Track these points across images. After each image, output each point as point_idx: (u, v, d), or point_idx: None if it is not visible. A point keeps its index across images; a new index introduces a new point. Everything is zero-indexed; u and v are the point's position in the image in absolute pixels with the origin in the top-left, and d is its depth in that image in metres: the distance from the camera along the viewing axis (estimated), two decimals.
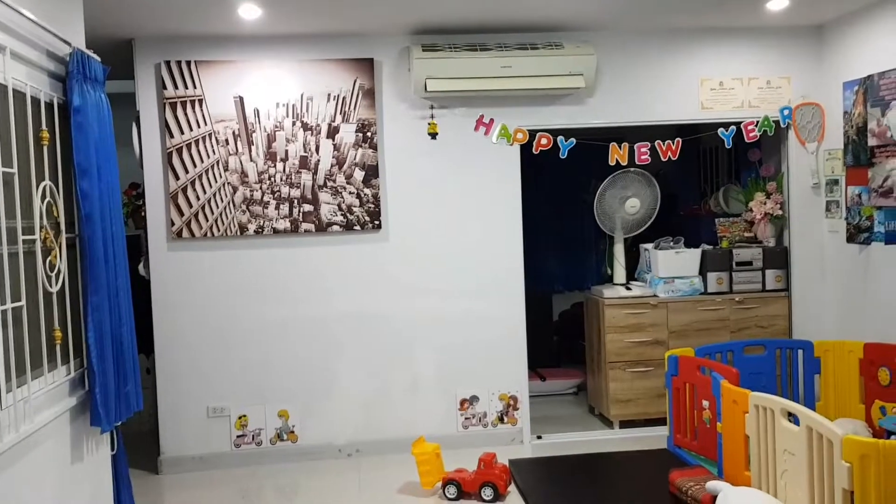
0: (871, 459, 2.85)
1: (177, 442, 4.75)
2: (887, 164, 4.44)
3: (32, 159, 2.82)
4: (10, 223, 2.60)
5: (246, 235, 4.73)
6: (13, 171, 2.64)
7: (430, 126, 4.82)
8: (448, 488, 4.13)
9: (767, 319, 5.23)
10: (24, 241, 2.71)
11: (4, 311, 2.54)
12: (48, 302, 2.89)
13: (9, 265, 2.56)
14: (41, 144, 2.90)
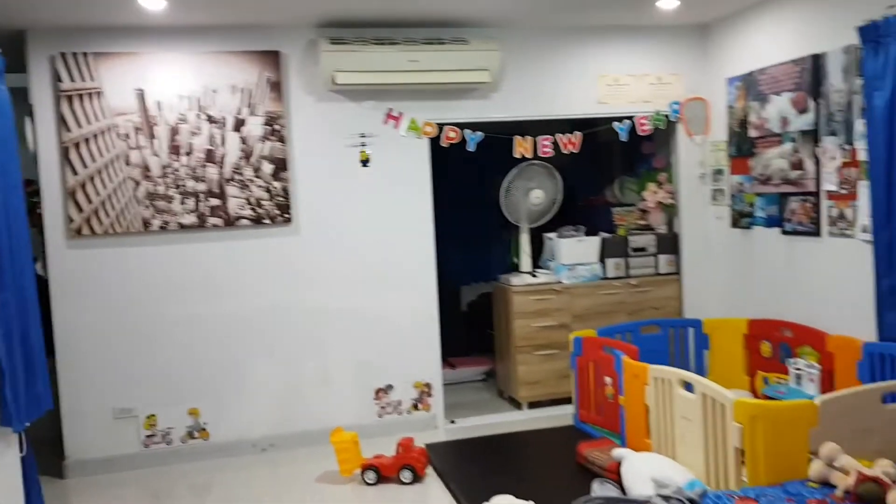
0: (759, 419, 3.12)
1: (82, 445, 4.61)
2: (767, 154, 4.81)
3: None
4: None
5: (150, 231, 4.64)
6: None
7: (361, 154, 4.88)
8: (367, 474, 4.20)
9: (661, 301, 5.55)
10: None
11: None
12: None
13: None
14: None
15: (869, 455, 3.04)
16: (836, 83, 4.23)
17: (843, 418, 3.13)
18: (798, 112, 4.51)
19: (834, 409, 3.13)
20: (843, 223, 4.27)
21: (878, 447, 3.13)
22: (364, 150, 4.80)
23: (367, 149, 4.84)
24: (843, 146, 4.20)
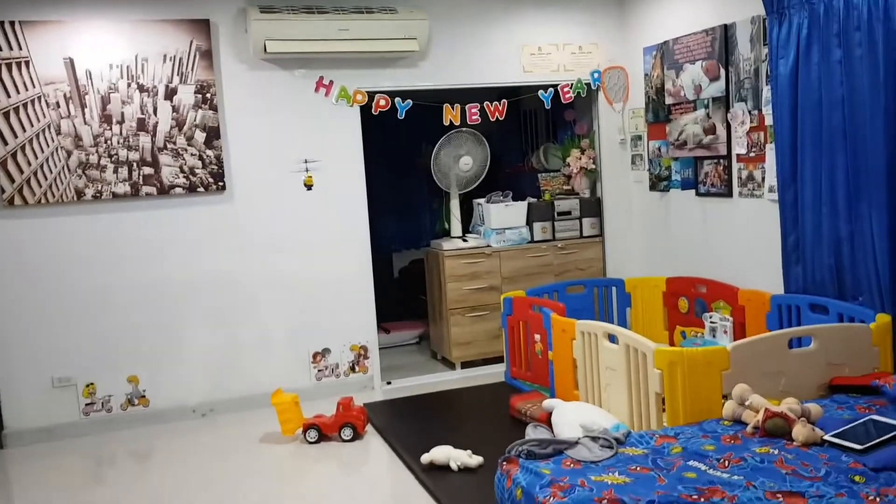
0: (676, 365, 3.39)
1: (21, 415, 4.61)
2: (682, 120, 5.09)
3: None
4: None
5: (84, 201, 4.62)
6: None
7: (306, 178, 4.94)
8: (309, 433, 4.34)
9: (586, 262, 5.83)
10: None
11: None
12: None
13: None
14: None
15: (777, 395, 3.34)
16: (745, 52, 4.52)
17: (753, 362, 3.43)
18: (710, 80, 4.79)
19: (744, 354, 3.42)
20: (752, 184, 4.59)
21: (785, 388, 3.44)
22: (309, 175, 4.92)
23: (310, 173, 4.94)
24: (752, 112, 4.51)
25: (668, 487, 2.59)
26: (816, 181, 4.00)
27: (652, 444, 3.03)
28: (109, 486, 4.05)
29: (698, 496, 2.51)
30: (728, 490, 2.54)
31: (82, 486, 4.04)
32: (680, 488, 2.58)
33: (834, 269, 3.96)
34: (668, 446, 2.98)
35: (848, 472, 2.61)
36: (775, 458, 2.78)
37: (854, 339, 3.56)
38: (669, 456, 2.88)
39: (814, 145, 3.98)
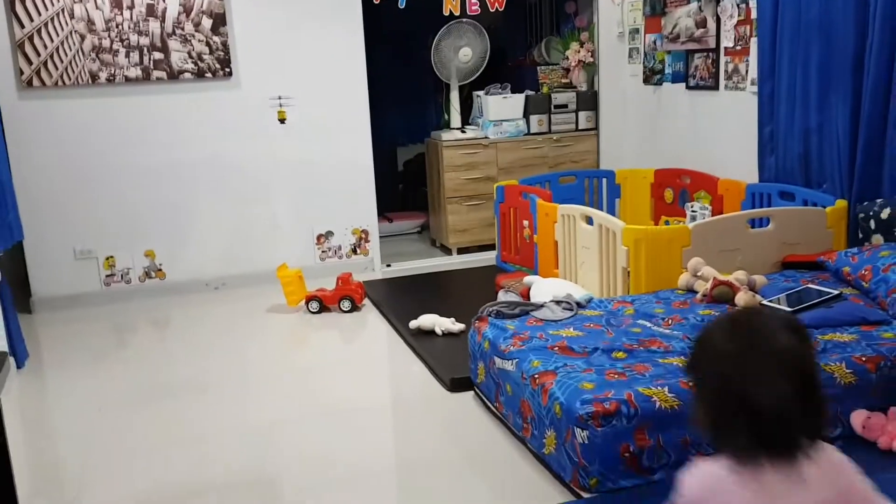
0: (641, 242, 3.68)
1: (47, 284, 5.02)
2: (676, 13, 5.20)
3: None
4: None
5: (98, 84, 4.89)
6: None
7: (279, 114, 5.15)
8: (311, 304, 4.72)
9: (580, 155, 6.05)
10: None
11: None
12: None
13: None
14: None
15: (734, 270, 3.63)
16: None
17: (712, 240, 3.70)
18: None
19: (704, 232, 3.69)
20: (737, 77, 4.75)
21: (741, 264, 3.72)
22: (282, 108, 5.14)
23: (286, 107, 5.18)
24: (739, 5, 4.62)
25: (613, 339, 2.92)
26: (792, 74, 4.16)
27: (609, 307, 3.35)
28: (129, 350, 4.48)
29: (638, 345, 2.85)
30: (665, 341, 2.87)
31: (104, 348, 4.45)
32: (624, 339, 2.91)
33: (803, 158, 4.17)
34: (622, 309, 3.30)
35: None
36: None
37: (809, 221, 3.81)
38: (622, 316, 3.21)
39: (792, 39, 4.12)
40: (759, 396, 1.21)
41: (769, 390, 1.21)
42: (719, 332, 1.32)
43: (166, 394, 3.72)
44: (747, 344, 1.26)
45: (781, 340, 1.25)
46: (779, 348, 1.25)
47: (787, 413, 1.22)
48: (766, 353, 1.24)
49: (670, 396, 2.44)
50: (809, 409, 1.24)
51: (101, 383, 3.88)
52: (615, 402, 2.40)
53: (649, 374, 2.59)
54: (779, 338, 1.26)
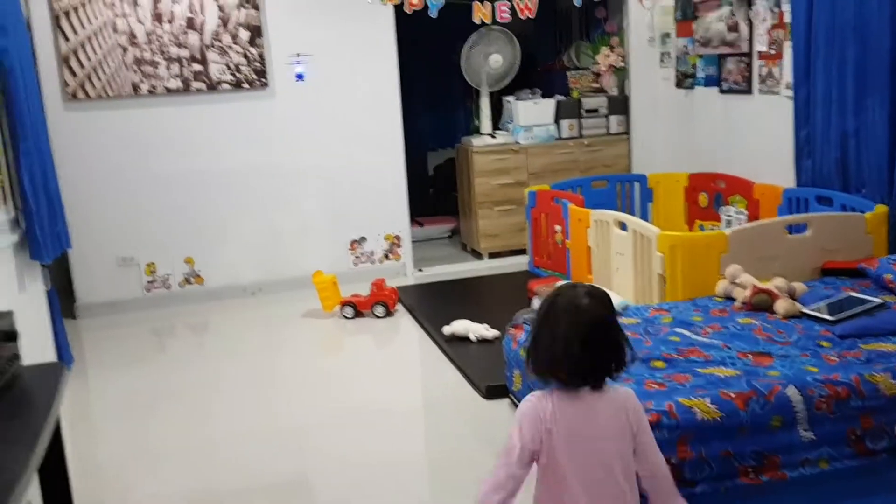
0: (678, 249, 3.69)
1: (90, 289, 5.14)
2: (708, 18, 5.20)
3: None
4: None
5: (140, 95, 5.00)
6: None
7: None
8: (346, 309, 4.79)
9: (612, 159, 6.06)
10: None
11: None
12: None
13: None
14: None
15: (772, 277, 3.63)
16: None
17: (750, 247, 3.71)
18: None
19: (742, 239, 3.70)
20: (771, 81, 4.74)
21: (780, 270, 3.71)
22: None
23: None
24: (773, 9, 4.62)
25: (651, 348, 2.94)
26: (828, 77, 4.15)
27: (646, 315, 3.37)
28: (169, 354, 4.59)
29: (677, 354, 2.87)
30: (704, 350, 2.89)
31: (145, 352, 4.56)
32: (662, 348, 2.93)
33: (840, 162, 4.16)
34: (659, 317, 3.32)
35: (817, 339, 2.93)
36: (755, 327, 3.10)
37: (849, 227, 3.80)
38: (659, 324, 3.23)
39: (827, 42, 4.11)
40: (572, 339, 1.74)
41: (579, 335, 1.75)
42: (551, 301, 1.83)
43: (205, 397, 3.82)
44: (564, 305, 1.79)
45: (582, 303, 1.78)
46: (583, 308, 1.77)
47: (590, 351, 1.76)
48: (574, 311, 1.77)
49: (712, 407, 2.46)
50: (607, 351, 1.79)
51: (143, 386, 3.98)
52: (656, 413, 2.42)
53: (689, 384, 2.61)
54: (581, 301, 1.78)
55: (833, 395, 2.53)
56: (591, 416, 1.79)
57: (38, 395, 1.81)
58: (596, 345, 1.77)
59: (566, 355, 1.75)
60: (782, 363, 2.73)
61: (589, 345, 1.75)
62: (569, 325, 1.76)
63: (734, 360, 2.80)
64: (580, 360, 1.76)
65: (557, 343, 1.76)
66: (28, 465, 1.47)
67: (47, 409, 1.70)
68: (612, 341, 1.80)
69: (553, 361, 1.77)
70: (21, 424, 1.66)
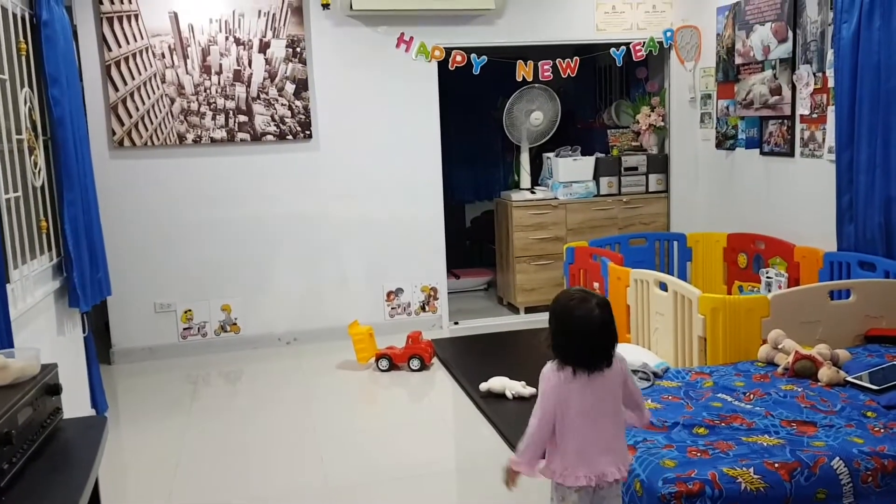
0: (719, 311, 3.63)
1: (127, 335, 5.20)
2: (750, 80, 5.20)
3: (16, 67, 3.17)
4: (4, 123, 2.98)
5: (185, 144, 5.11)
6: (5, 77, 3.00)
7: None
8: (381, 361, 4.77)
9: (650, 217, 6.03)
10: (16, 141, 3.10)
11: (8, 200, 2.95)
12: (34, 195, 3.29)
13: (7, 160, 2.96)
14: (20, 55, 3.24)
15: (814, 343, 3.55)
16: (813, 15, 4.60)
17: (792, 311, 3.63)
18: (778, 41, 4.88)
19: (784, 303, 3.63)
20: (814, 145, 4.70)
21: (822, 336, 3.64)
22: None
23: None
24: (816, 74, 4.60)
25: (693, 413, 2.88)
26: (872, 143, 4.10)
27: (687, 378, 3.31)
28: (203, 400, 4.58)
29: (720, 421, 2.80)
30: (747, 418, 2.82)
31: (179, 401, 4.54)
32: (704, 414, 2.86)
33: (884, 227, 4.08)
34: (700, 381, 3.25)
35: (862, 409, 2.84)
36: (798, 394, 3.02)
37: (893, 293, 3.71)
38: (701, 389, 3.16)
39: (871, 108, 4.08)
40: (583, 338, 2.18)
41: (587, 335, 2.18)
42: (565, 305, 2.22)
43: (237, 449, 3.79)
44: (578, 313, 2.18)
45: (594, 312, 2.17)
46: (594, 316, 2.17)
47: (595, 347, 2.19)
48: (586, 317, 2.16)
49: (756, 478, 2.39)
50: (607, 344, 2.20)
51: (177, 436, 3.97)
52: (699, 482, 2.36)
53: (733, 452, 2.54)
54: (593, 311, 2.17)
55: (879, 468, 2.45)
56: (593, 390, 2.20)
57: (78, 449, 1.80)
58: (602, 343, 2.20)
59: (580, 353, 2.19)
60: (827, 433, 2.65)
61: (598, 344, 2.19)
62: (585, 332, 2.18)
63: (778, 428, 2.72)
64: (590, 356, 2.19)
65: (575, 344, 2.19)
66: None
67: (88, 467, 1.70)
68: (612, 335, 2.21)
69: (569, 356, 2.20)
70: (62, 480, 1.65)
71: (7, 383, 1.74)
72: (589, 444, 2.19)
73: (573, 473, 2.19)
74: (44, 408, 1.80)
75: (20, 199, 3.08)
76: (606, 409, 2.22)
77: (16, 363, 1.78)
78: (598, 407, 2.20)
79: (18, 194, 3.07)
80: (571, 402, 2.19)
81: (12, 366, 1.76)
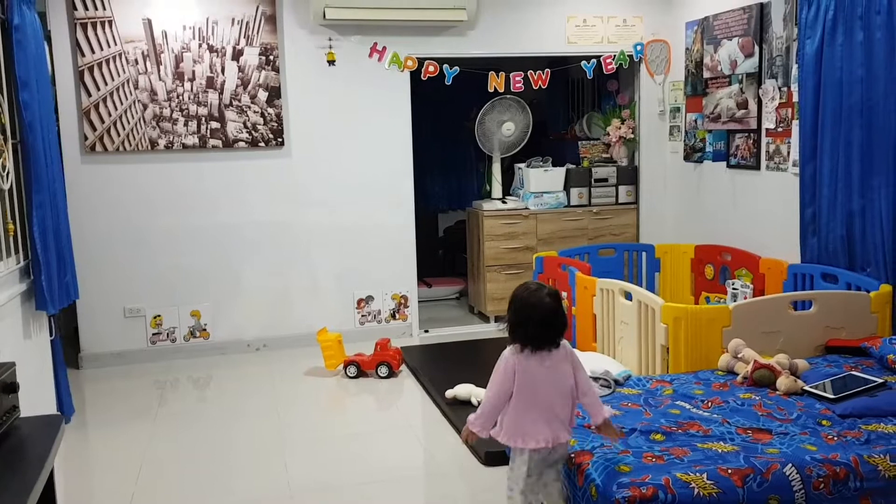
0: (681, 320, 3.69)
1: (96, 340, 5.17)
2: (717, 94, 5.30)
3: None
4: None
5: (157, 150, 5.11)
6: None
7: (328, 54, 5.30)
8: (349, 368, 4.79)
9: (620, 228, 6.10)
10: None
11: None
12: (1, 199, 3.29)
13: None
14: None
15: (775, 352, 3.62)
16: (778, 30, 4.71)
17: (754, 321, 3.70)
18: (745, 56, 4.98)
19: (745, 314, 3.69)
20: (779, 158, 4.80)
21: (783, 346, 3.70)
22: (331, 50, 5.24)
23: (334, 49, 5.30)
24: (781, 88, 4.70)
25: (651, 420, 2.93)
26: (834, 157, 4.19)
27: (647, 386, 3.36)
28: (170, 406, 4.56)
29: (677, 427, 2.85)
30: (704, 424, 2.87)
31: (146, 406, 4.52)
32: (662, 420, 2.91)
33: (846, 240, 4.17)
34: (661, 389, 3.31)
35: (817, 417, 2.91)
36: (755, 402, 3.09)
37: (853, 305, 3.79)
38: (660, 396, 3.21)
39: (833, 123, 4.17)
40: (536, 321, 2.53)
41: (539, 319, 2.53)
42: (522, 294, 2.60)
43: (202, 455, 3.79)
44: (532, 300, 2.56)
45: (545, 300, 2.55)
46: (545, 303, 2.55)
47: (545, 328, 2.54)
48: (537, 304, 2.54)
49: (709, 483, 2.44)
50: (556, 328, 2.56)
51: (142, 442, 3.95)
52: (652, 486, 2.40)
53: (688, 458, 2.59)
54: (544, 299, 2.56)
55: (831, 475, 2.50)
56: (544, 367, 2.56)
57: (33, 446, 1.82)
58: (551, 325, 2.55)
59: (533, 334, 2.54)
60: (781, 441, 2.71)
61: (547, 326, 2.54)
62: (537, 316, 2.54)
63: (733, 435, 2.78)
64: (541, 336, 2.55)
65: (529, 326, 2.54)
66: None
67: (41, 462, 1.71)
68: (560, 322, 2.57)
69: (525, 337, 2.55)
70: (14, 476, 1.66)
71: None
72: (543, 410, 2.55)
73: (534, 437, 2.54)
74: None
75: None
76: (558, 384, 2.58)
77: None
78: (549, 381, 2.56)
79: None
80: (527, 376, 2.55)
81: None
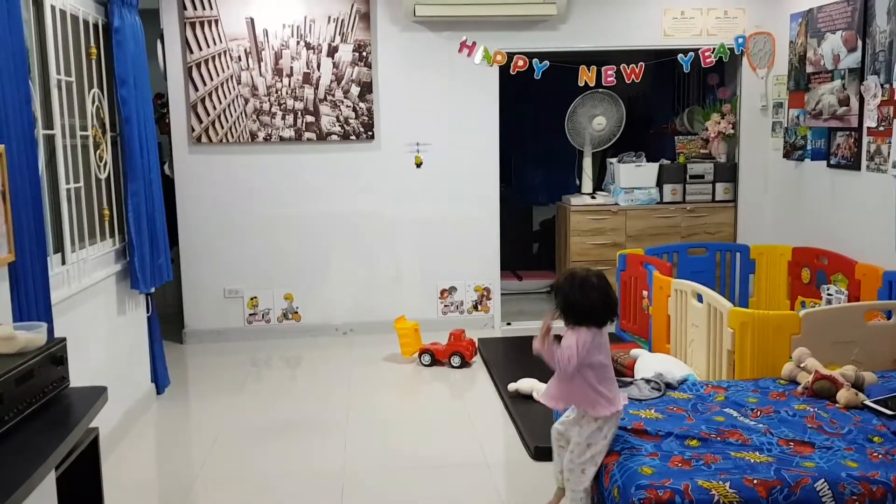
0: (748, 326, 3.59)
1: (198, 318, 5.58)
2: (820, 90, 5.04)
3: (84, 70, 3.52)
4: (69, 121, 3.32)
5: (256, 142, 5.44)
6: (71, 79, 3.34)
7: (415, 158, 5.50)
8: (423, 356, 4.94)
9: (715, 227, 5.92)
10: (81, 137, 3.44)
11: (69, 190, 3.29)
12: (98, 186, 3.64)
13: (70, 154, 3.30)
14: (90, 58, 3.59)
15: (849, 364, 3.45)
16: (882, 24, 4.43)
17: (825, 330, 3.54)
18: (848, 50, 4.72)
19: (816, 321, 3.54)
20: (879, 158, 4.52)
21: (857, 357, 3.53)
22: (418, 154, 5.51)
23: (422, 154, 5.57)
24: (884, 85, 4.43)
25: (692, 426, 2.88)
26: None
27: (701, 391, 3.30)
28: (264, 382, 4.88)
29: (716, 434, 2.80)
30: (745, 433, 2.80)
31: (241, 381, 4.86)
32: (703, 427, 2.87)
33: None
34: (713, 395, 3.24)
35: (869, 433, 2.77)
36: (808, 414, 2.97)
37: None
38: (710, 402, 3.15)
39: None
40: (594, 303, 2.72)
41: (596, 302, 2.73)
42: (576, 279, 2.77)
43: (273, 429, 4.04)
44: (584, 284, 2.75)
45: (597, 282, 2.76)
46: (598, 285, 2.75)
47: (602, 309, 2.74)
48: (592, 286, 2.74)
49: (731, 492, 2.40)
50: (608, 309, 2.77)
51: (226, 413, 4.26)
52: (670, 491, 2.39)
53: (716, 465, 2.55)
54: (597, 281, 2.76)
55: (867, 494, 2.41)
56: (601, 342, 2.77)
57: (76, 413, 2.04)
58: (604, 305, 2.75)
59: (592, 312, 2.73)
60: (822, 455, 2.61)
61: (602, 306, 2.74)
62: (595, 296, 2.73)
63: (772, 446, 2.70)
64: (601, 315, 2.75)
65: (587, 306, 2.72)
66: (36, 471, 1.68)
67: (74, 425, 1.93)
68: (612, 302, 2.80)
69: (584, 316, 2.73)
70: (52, 436, 1.88)
71: (13, 352, 1.99)
72: (612, 382, 2.79)
73: (616, 406, 2.76)
74: (47, 375, 2.05)
75: (81, 189, 3.43)
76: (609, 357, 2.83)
77: (24, 335, 2.04)
78: (607, 354, 2.80)
79: (80, 185, 3.41)
80: (597, 351, 2.75)
81: (20, 337, 2.02)
